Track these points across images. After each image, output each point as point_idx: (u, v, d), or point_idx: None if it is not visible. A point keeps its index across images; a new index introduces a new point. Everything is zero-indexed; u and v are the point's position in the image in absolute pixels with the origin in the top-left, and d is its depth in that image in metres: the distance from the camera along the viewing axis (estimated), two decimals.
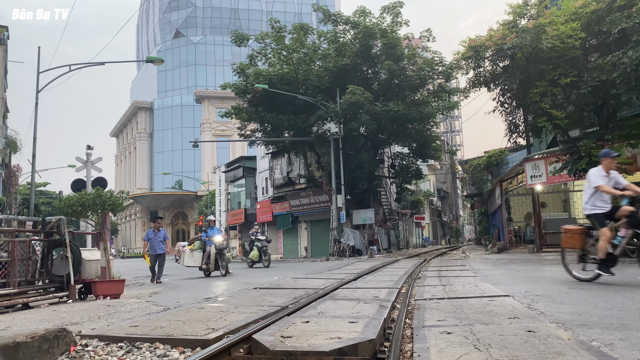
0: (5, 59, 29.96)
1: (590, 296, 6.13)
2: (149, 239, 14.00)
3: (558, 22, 14.40)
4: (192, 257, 15.23)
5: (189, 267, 15.53)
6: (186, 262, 15.32)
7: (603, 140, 15.07)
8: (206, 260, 14.70)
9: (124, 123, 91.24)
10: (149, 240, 13.97)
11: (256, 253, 18.72)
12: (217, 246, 14.60)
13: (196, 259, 15.14)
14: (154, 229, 14.17)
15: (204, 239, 15.12)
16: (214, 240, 14.66)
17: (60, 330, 3.95)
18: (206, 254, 14.73)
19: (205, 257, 14.75)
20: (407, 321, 5.06)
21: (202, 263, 14.78)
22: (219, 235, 14.98)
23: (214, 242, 14.61)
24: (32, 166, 16.97)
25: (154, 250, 13.79)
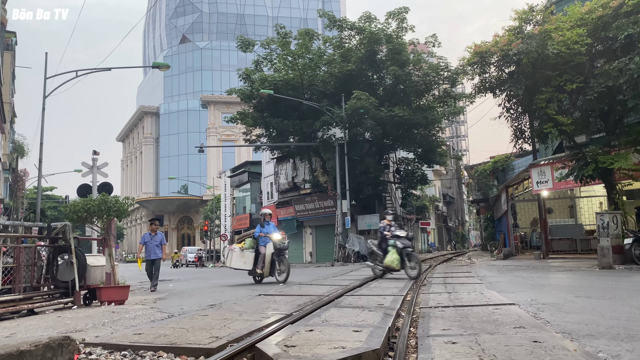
0: (13, 65, 30.19)
1: (596, 305, 6.08)
2: (145, 242, 12.78)
3: (564, 27, 14.37)
4: (243, 257, 12.72)
5: (238, 269, 13.15)
6: (234, 264, 12.93)
7: (610, 146, 14.99)
8: (261, 264, 12.26)
9: (130, 128, 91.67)
10: (144, 244, 12.77)
11: (396, 257, 11.54)
12: (276, 245, 12.23)
13: (247, 261, 12.68)
14: (150, 232, 12.98)
15: (257, 235, 12.68)
16: (271, 238, 12.32)
17: (64, 338, 3.94)
18: (261, 256, 12.26)
19: (260, 259, 12.31)
20: (412, 330, 5.03)
21: (258, 266, 12.36)
22: (277, 232, 12.62)
23: (271, 241, 12.30)
24: (39, 171, 17.06)
25: (148, 255, 12.64)
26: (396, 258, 11.59)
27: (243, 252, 12.74)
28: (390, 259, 11.65)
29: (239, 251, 12.86)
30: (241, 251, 12.79)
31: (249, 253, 12.67)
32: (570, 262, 16.65)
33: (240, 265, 12.76)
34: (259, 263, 12.26)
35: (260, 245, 12.39)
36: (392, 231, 12.08)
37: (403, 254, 11.54)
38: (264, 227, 12.63)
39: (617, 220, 13.88)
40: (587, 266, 14.17)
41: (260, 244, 12.42)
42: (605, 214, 14.01)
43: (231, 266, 13.00)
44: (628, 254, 13.78)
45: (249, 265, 12.58)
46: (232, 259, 13.02)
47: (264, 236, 12.39)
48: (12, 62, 29.33)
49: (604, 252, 13.37)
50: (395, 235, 11.90)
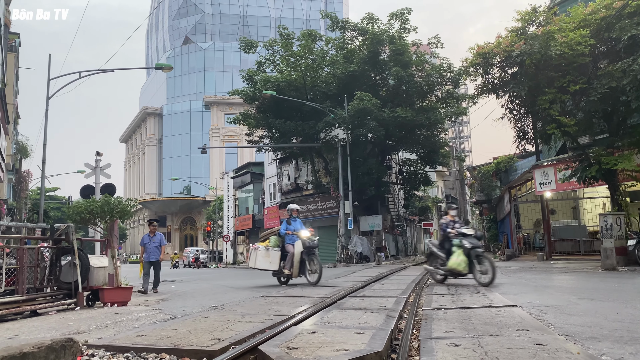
0: (17, 66, 30.28)
1: (600, 307, 6.06)
2: (144, 244, 12.31)
3: (567, 29, 14.34)
4: (268, 257, 11.60)
5: (263, 270, 12.05)
6: (258, 264, 11.80)
7: (613, 147, 14.95)
8: (289, 264, 11.15)
9: (133, 129, 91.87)
10: (144, 246, 12.32)
11: (463, 259, 9.81)
12: (305, 243, 11.03)
13: (273, 261, 11.59)
14: (149, 234, 12.48)
15: (283, 233, 11.54)
16: (299, 236, 11.18)
17: (66, 340, 3.95)
18: (289, 255, 11.14)
19: (288, 259, 11.18)
20: (415, 332, 5.02)
21: (285, 267, 11.27)
22: (305, 230, 11.53)
23: (299, 239, 11.17)
24: (42, 172, 17.11)
25: (147, 256, 12.18)
26: (463, 260, 9.84)
27: (268, 251, 11.60)
28: (456, 261, 9.86)
29: (264, 250, 11.68)
30: (266, 250, 11.63)
31: (274, 252, 11.59)
32: (574, 263, 16.60)
33: (265, 266, 11.69)
34: (286, 263, 11.15)
35: (287, 243, 11.32)
36: (456, 228, 10.32)
37: (471, 255, 9.77)
38: (290, 224, 11.54)
39: (621, 222, 13.84)
40: (590, 268, 14.13)
41: (286, 242, 11.37)
42: (609, 215, 13.97)
43: (255, 266, 11.86)
44: (632, 256, 13.73)
45: (275, 265, 11.52)
46: (256, 258, 11.86)
47: (291, 234, 11.29)
48: (15, 63, 29.42)
49: (607, 254, 13.33)
50: (462, 233, 10.13)
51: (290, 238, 11.32)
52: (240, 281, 15.59)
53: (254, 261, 11.90)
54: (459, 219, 10.84)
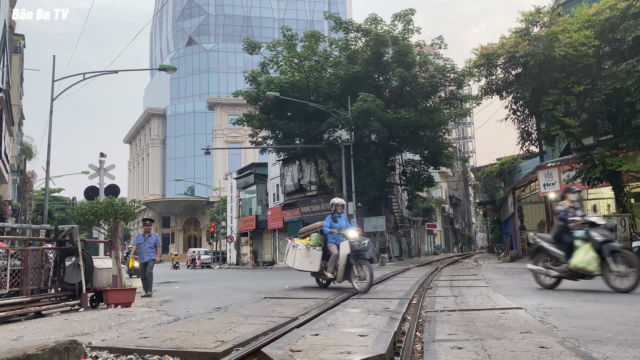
0: (22, 67, 30.40)
1: (604, 310, 6.04)
2: (138, 244, 11.80)
3: (571, 29, 14.31)
4: (308, 256, 10.28)
5: (301, 270, 10.73)
6: (297, 264, 10.49)
7: (617, 148, 14.90)
8: (332, 266, 9.70)
9: (137, 130, 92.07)
10: (137, 246, 11.83)
11: (592, 256, 7.89)
12: (354, 246, 9.43)
13: (313, 261, 10.25)
14: (143, 234, 11.92)
15: (327, 231, 10.03)
16: (346, 236, 9.67)
17: (70, 342, 3.96)
18: (333, 257, 9.69)
19: (331, 260, 9.72)
20: (418, 334, 5.01)
21: (328, 269, 9.81)
22: (353, 229, 10.02)
23: (346, 239, 9.63)
24: (47, 173, 17.17)
25: (141, 257, 11.67)
26: (593, 257, 7.78)
27: (309, 250, 10.27)
28: (584, 258, 7.87)
29: (304, 249, 10.33)
30: (307, 249, 10.30)
31: (315, 252, 10.26)
32: None
33: (304, 266, 10.42)
34: (329, 265, 9.78)
35: (330, 242, 9.95)
36: (579, 215, 8.30)
37: (604, 251, 7.70)
38: (336, 222, 10.11)
39: (625, 223, 13.79)
40: None
41: (330, 242, 10.01)
42: (613, 217, 13.92)
43: (293, 266, 10.65)
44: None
45: (316, 266, 10.25)
46: (295, 257, 10.53)
47: (337, 233, 9.86)
48: (20, 65, 29.54)
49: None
50: (589, 222, 8.04)
51: (334, 237, 9.91)
52: (243, 282, 15.61)
53: (292, 260, 10.66)
54: (579, 205, 8.73)
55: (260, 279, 16.99)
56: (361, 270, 9.39)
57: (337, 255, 9.57)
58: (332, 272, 9.71)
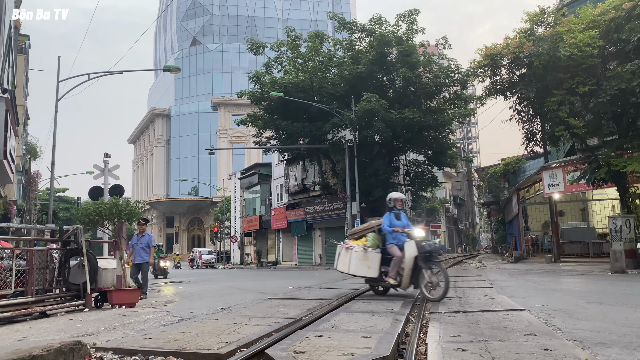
0: (27, 68, 30.54)
1: (608, 312, 6.02)
2: (132, 245, 11.36)
3: (576, 30, 14.26)
4: (366, 259, 8.69)
5: (357, 276, 9.07)
6: (353, 268, 8.83)
7: (622, 149, 14.84)
8: (394, 271, 8.32)
9: (142, 130, 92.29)
10: (132, 247, 11.40)
11: None
12: (423, 247, 8.19)
13: (371, 265, 8.65)
14: (138, 234, 11.48)
15: (388, 230, 8.64)
16: (410, 235, 8.48)
17: (75, 343, 3.98)
18: (395, 260, 8.33)
19: (394, 264, 8.33)
20: (422, 336, 5.01)
21: (390, 274, 8.36)
22: (418, 227, 8.85)
23: (411, 238, 8.40)
24: (51, 173, 17.24)
25: (134, 259, 11.24)
26: None
27: (367, 252, 8.76)
28: None
29: (361, 251, 8.78)
30: (364, 251, 8.78)
31: (374, 254, 8.71)
32: (582, 265, 16.49)
33: (362, 271, 8.77)
34: (391, 269, 8.35)
35: (391, 244, 8.57)
36: None
37: None
38: (400, 219, 8.83)
39: (630, 224, 13.73)
40: (599, 270, 14.03)
41: (389, 242, 8.61)
42: (618, 218, 13.86)
43: (348, 271, 8.94)
44: None
45: (374, 271, 8.64)
46: (350, 261, 8.88)
47: (400, 231, 8.51)
48: (25, 65, 29.68)
49: (616, 256, 13.20)
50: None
51: (395, 237, 8.55)
52: (247, 282, 15.64)
53: (347, 264, 8.94)
54: None
55: (264, 279, 17.01)
56: (432, 275, 8.07)
57: (400, 257, 8.27)
58: (395, 278, 8.35)
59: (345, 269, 9.01)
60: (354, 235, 9.59)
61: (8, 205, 24.02)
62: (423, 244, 8.24)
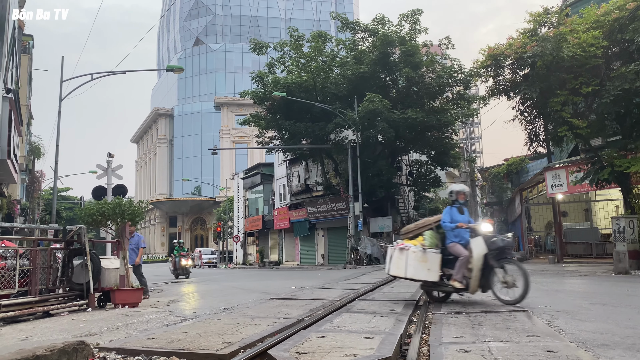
0: (30, 67, 30.61)
1: (612, 313, 6.01)
2: None
3: (579, 30, 14.23)
4: (425, 261, 7.52)
5: (415, 280, 7.93)
6: (412, 271, 7.60)
7: (626, 149, 14.79)
8: (460, 272, 7.26)
9: (145, 129, 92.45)
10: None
11: None
12: (495, 242, 7.10)
13: (431, 267, 7.49)
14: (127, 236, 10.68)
15: (450, 226, 7.55)
16: (476, 230, 7.36)
17: (78, 343, 3.99)
18: (461, 261, 7.27)
19: (460, 265, 7.27)
20: (424, 337, 5.01)
21: (455, 276, 7.26)
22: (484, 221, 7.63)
23: (478, 234, 7.28)
24: (55, 173, 17.29)
25: None
26: None
27: (426, 252, 7.59)
28: None
29: (420, 252, 7.60)
30: (423, 251, 7.60)
31: (433, 255, 7.57)
32: (586, 266, 16.45)
33: (421, 274, 7.59)
34: (456, 271, 7.26)
35: (453, 242, 7.52)
36: None
37: None
38: (463, 213, 7.77)
39: (634, 225, 13.69)
40: (602, 271, 14.00)
41: (451, 241, 7.56)
42: (622, 219, 13.83)
43: (405, 275, 7.72)
44: None
45: (434, 274, 7.49)
46: (407, 263, 7.66)
47: (465, 227, 7.47)
48: (29, 65, 29.74)
49: (620, 257, 13.17)
50: None
51: (457, 234, 7.55)
52: (250, 282, 15.65)
53: (404, 267, 7.71)
54: None
55: (267, 279, 17.02)
56: (507, 275, 6.96)
57: (467, 257, 7.25)
58: (461, 280, 7.28)
59: (401, 273, 7.81)
60: (407, 234, 8.38)
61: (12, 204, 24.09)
62: (494, 239, 7.20)
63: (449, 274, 7.45)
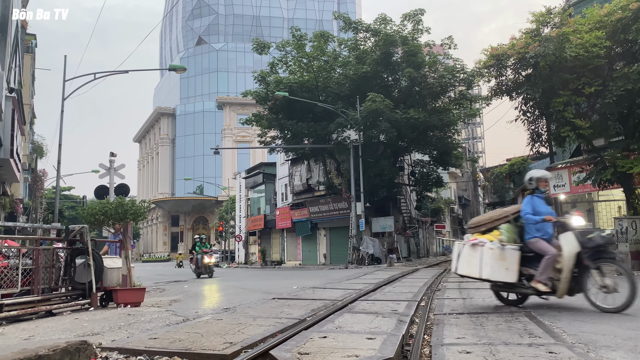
0: (33, 67, 30.67)
1: (614, 314, 5.99)
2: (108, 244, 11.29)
3: (582, 30, 14.18)
4: (503, 258, 6.56)
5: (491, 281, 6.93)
6: (489, 271, 6.61)
7: (629, 150, 14.75)
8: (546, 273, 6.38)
9: (147, 129, 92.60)
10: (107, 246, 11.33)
11: None
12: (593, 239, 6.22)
13: (510, 266, 6.52)
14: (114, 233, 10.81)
15: (533, 220, 6.59)
16: (567, 224, 6.46)
17: (81, 343, 4.00)
18: (548, 259, 6.37)
19: (545, 265, 6.37)
20: (426, 338, 5.01)
21: (540, 277, 6.38)
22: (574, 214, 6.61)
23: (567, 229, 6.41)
24: (57, 172, 17.32)
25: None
26: None
27: (504, 249, 6.58)
28: None
29: (498, 249, 6.59)
30: (502, 248, 6.59)
31: (512, 252, 6.56)
32: None
33: (499, 275, 6.59)
34: (541, 271, 6.37)
35: (535, 237, 6.59)
36: None
37: None
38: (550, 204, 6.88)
39: (636, 226, 13.66)
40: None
41: (533, 235, 6.62)
42: (624, 219, 13.80)
43: (481, 275, 6.70)
44: None
45: (512, 274, 6.51)
46: (483, 261, 6.68)
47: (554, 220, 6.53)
48: (32, 64, 29.80)
49: (622, 258, 13.11)
50: None
51: (540, 229, 6.58)
52: (251, 282, 15.66)
53: (478, 266, 6.72)
54: None
55: (268, 279, 17.02)
56: (606, 277, 6.08)
57: (554, 255, 6.31)
58: (546, 282, 6.36)
59: (474, 272, 6.79)
60: (479, 227, 7.19)
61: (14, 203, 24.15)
62: (591, 235, 6.17)
63: (528, 273, 6.55)
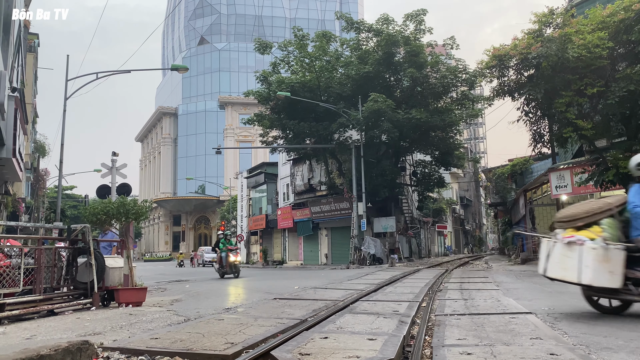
0: (36, 66, 30.72)
1: (615, 316, 5.99)
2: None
3: (585, 31, 14.15)
4: (607, 260, 5.56)
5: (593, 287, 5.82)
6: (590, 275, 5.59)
7: (631, 151, 14.68)
8: None
9: (149, 128, 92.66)
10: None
11: None
12: None
13: (614, 268, 5.55)
14: (103, 232, 11.09)
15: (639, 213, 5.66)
16: None
17: (82, 342, 4.01)
18: None
19: None
20: (427, 339, 5.01)
21: None
22: None
23: None
24: (59, 172, 17.37)
25: None
26: None
27: (608, 250, 5.58)
28: None
29: (602, 249, 5.58)
30: (606, 248, 5.58)
31: (616, 252, 5.58)
32: None
33: (602, 279, 5.57)
34: None
35: None
36: None
37: None
38: None
39: None
40: None
41: None
42: None
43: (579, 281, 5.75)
44: None
45: (617, 278, 5.54)
46: (582, 263, 5.64)
47: None
48: (34, 64, 29.84)
49: None
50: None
51: None
52: (253, 282, 15.67)
53: (577, 269, 5.68)
54: None
55: (270, 279, 17.03)
56: None
57: None
58: None
59: (571, 276, 5.77)
60: (574, 221, 6.07)
61: (17, 202, 24.20)
62: None
63: (635, 277, 5.58)
